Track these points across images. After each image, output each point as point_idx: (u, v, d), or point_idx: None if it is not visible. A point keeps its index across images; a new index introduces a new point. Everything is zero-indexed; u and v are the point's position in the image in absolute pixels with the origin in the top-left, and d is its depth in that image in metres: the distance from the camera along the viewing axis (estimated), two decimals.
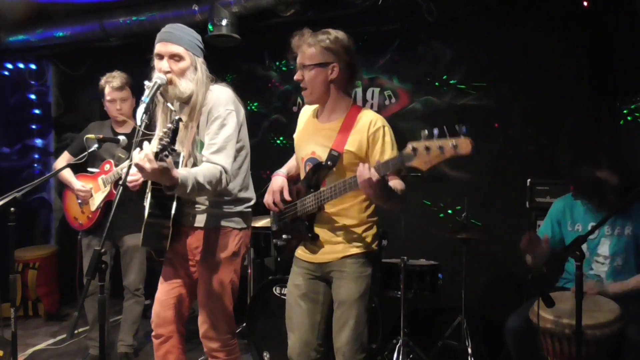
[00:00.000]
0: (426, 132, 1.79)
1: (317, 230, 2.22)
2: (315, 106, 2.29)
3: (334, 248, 2.20)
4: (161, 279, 2.46)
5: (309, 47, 2.11)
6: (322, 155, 2.17)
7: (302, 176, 2.26)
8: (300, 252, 2.31)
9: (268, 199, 2.31)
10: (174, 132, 1.85)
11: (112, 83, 3.41)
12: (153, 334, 2.45)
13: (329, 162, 2.13)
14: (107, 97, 3.45)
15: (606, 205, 2.64)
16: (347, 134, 2.12)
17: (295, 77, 2.17)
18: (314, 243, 2.22)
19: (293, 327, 2.28)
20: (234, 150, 2.23)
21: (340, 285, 2.19)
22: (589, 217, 2.70)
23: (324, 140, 2.18)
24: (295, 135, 2.38)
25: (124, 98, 3.43)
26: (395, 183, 2.10)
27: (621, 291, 2.52)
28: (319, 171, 2.17)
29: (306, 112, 2.36)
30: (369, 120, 2.12)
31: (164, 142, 1.85)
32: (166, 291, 2.43)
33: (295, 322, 2.27)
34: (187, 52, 2.23)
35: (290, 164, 2.45)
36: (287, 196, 2.26)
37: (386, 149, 2.09)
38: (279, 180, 2.31)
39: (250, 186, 2.48)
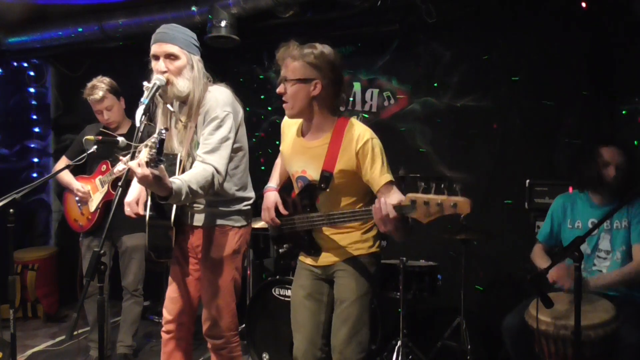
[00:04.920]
0: (423, 184, 1.82)
1: (318, 239, 2.25)
2: (300, 120, 2.26)
3: (336, 252, 2.23)
4: (170, 278, 2.50)
5: (293, 61, 2.08)
6: (313, 174, 2.17)
7: (296, 192, 2.27)
8: (304, 257, 2.34)
9: (265, 216, 2.33)
10: (161, 143, 1.85)
11: (92, 96, 3.36)
12: (163, 329, 2.48)
13: (322, 185, 2.14)
14: (93, 108, 3.44)
15: (609, 198, 2.65)
16: (337, 153, 2.11)
17: (277, 90, 2.14)
18: (317, 255, 2.25)
19: (298, 327, 2.30)
20: (228, 151, 2.23)
21: (341, 284, 2.21)
22: (589, 213, 2.70)
23: (314, 160, 2.17)
24: (282, 148, 2.36)
25: (108, 107, 3.39)
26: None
27: (602, 285, 2.50)
28: (311, 191, 2.18)
29: (290, 125, 2.32)
30: (356, 135, 2.10)
31: (152, 153, 1.85)
32: (176, 288, 2.47)
33: (301, 322, 2.29)
34: (182, 51, 2.24)
35: (278, 174, 2.45)
36: (282, 210, 2.28)
37: (376, 162, 2.08)
38: (271, 196, 2.33)
39: (248, 185, 2.49)
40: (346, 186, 2.14)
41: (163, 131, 1.87)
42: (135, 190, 2.37)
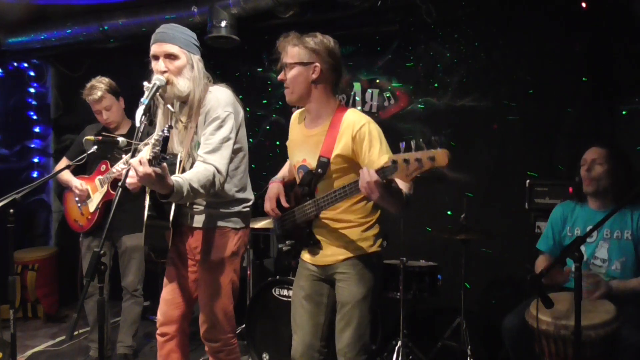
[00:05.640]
0: (404, 144, 1.81)
1: (318, 234, 2.24)
2: (302, 112, 2.30)
3: (335, 251, 2.21)
4: (165, 279, 2.48)
5: (293, 47, 2.14)
6: (312, 162, 2.18)
7: (297, 183, 2.29)
8: (305, 255, 2.34)
9: (266, 206, 2.34)
10: (165, 140, 1.85)
11: (91, 96, 3.37)
12: (158, 332, 2.46)
13: (319, 170, 2.14)
14: (92, 108, 3.44)
15: (607, 203, 2.65)
16: (334, 139, 2.12)
17: (279, 77, 2.19)
18: (316, 248, 2.25)
19: (297, 328, 2.31)
20: (229, 151, 2.22)
21: (343, 287, 2.20)
22: (588, 219, 2.69)
23: (313, 147, 2.18)
24: (287, 143, 2.39)
25: (107, 107, 3.40)
26: (402, 185, 2.05)
27: (624, 289, 2.50)
28: (310, 178, 2.19)
29: (297, 118, 2.37)
30: (352, 121, 2.12)
31: (155, 151, 1.84)
32: (171, 290, 2.44)
33: (299, 323, 2.30)
34: (182, 51, 2.23)
35: (285, 169, 2.48)
36: (284, 203, 2.28)
37: (374, 144, 2.07)
38: (274, 187, 2.34)
39: (248, 187, 2.48)
40: (343, 172, 2.13)
41: (166, 129, 1.87)
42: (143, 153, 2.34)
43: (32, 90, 5.38)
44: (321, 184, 2.18)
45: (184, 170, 2.26)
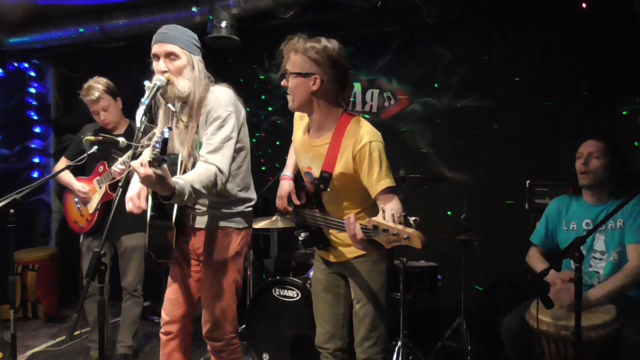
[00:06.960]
0: (383, 208, 1.82)
1: (327, 234, 2.27)
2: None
3: (345, 250, 2.24)
4: (169, 279, 2.49)
5: (295, 54, 2.07)
6: (317, 172, 2.18)
7: (306, 185, 2.30)
8: (318, 251, 2.39)
9: (278, 204, 2.39)
10: (165, 142, 1.85)
11: (88, 97, 3.36)
12: (162, 330, 2.48)
13: (321, 185, 2.15)
14: (90, 109, 3.44)
15: (602, 197, 2.65)
16: (336, 154, 2.10)
17: (281, 84, 2.14)
18: (327, 250, 2.29)
19: (319, 318, 2.38)
20: (231, 151, 2.22)
21: (355, 283, 2.25)
22: (584, 214, 2.69)
23: (317, 158, 2.18)
24: (293, 139, 2.38)
25: (104, 107, 3.39)
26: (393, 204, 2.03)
27: (603, 295, 2.41)
28: (315, 189, 2.20)
29: (302, 118, 2.34)
30: (354, 137, 2.06)
31: (155, 152, 1.84)
32: (175, 290, 2.46)
33: (321, 314, 2.37)
34: (182, 51, 2.23)
35: (292, 162, 2.45)
36: (295, 200, 2.32)
37: (373, 167, 2.03)
38: (285, 185, 2.37)
39: (250, 186, 2.49)
40: (346, 188, 2.14)
41: (166, 130, 1.86)
42: (137, 185, 2.36)
43: (32, 90, 5.38)
44: (326, 194, 2.19)
45: (185, 170, 2.26)
